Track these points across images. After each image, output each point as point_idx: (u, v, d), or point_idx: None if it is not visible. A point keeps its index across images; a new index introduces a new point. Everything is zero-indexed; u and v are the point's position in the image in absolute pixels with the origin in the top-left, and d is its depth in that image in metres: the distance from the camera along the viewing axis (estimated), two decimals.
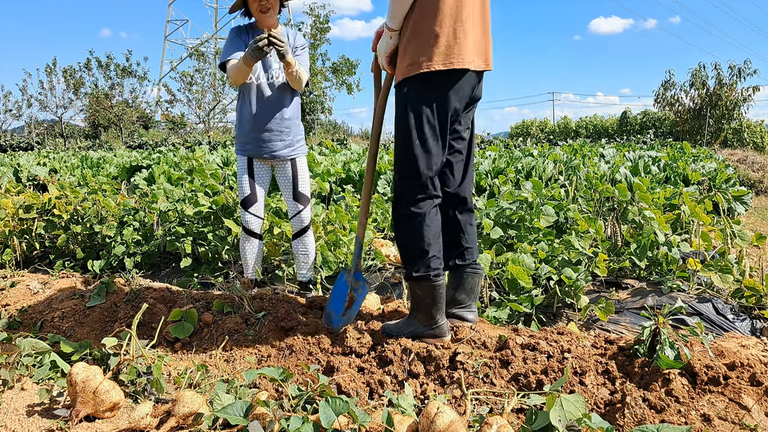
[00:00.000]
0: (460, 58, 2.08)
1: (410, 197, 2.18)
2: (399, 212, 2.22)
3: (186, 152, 12.04)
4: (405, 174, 2.19)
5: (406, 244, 2.23)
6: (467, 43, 2.10)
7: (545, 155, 8.96)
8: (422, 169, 2.15)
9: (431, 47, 2.07)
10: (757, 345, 2.45)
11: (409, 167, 2.17)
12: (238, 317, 2.58)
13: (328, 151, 9.97)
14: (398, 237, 2.27)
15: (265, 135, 3.05)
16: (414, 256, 2.20)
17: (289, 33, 3.12)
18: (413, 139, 2.14)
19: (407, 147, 2.16)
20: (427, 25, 2.08)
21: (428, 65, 2.07)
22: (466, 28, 2.10)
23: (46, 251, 4.83)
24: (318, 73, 20.97)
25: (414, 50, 2.10)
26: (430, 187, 2.18)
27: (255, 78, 3.01)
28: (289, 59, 2.86)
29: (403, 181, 2.20)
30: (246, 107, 3.05)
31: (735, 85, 21.92)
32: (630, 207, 3.94)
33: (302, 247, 3.26)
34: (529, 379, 1.98)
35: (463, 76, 2.14)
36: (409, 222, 2.18)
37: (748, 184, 10.10)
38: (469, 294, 2.38)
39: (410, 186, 2.18)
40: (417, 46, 2.09)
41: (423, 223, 2.16)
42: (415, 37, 2.10)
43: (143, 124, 32.34)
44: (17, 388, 2.03)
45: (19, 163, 10.08)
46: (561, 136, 28.32)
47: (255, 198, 3.14)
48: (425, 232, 2.16)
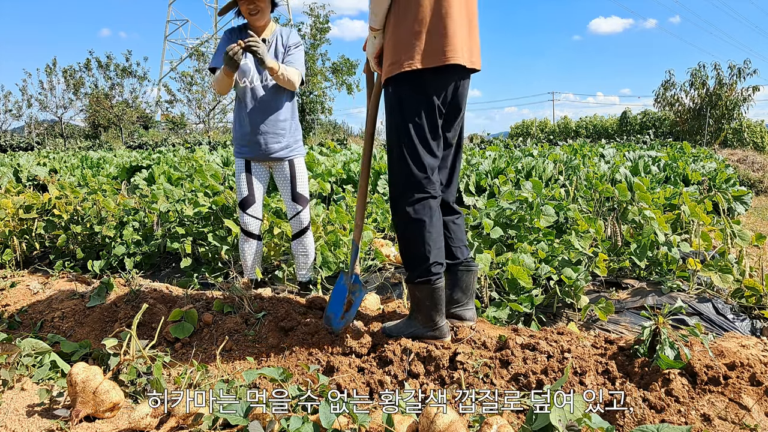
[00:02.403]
0: (442, 55, 2.04)
1: (406, 198, 2.15)
2: (398, 215, 2.19)
3: (186, 152, 12.05)
4: (398, 175, 2.16)
5: (407, 249, 2.21)
6: (449, 40, 2.05)
7: (545, 155, 8.96)
8: (414, 170, 2.12)
9: (413, 45, 2.03)
10: (757, 345, 2.45)
11: (400, 168, 2.14)
12: (238, 317, 2.58)
13: (328, 151, 9.97)
14: (399, 241, 2.25)
15: (261, 137, 3.05)
16: (415, 261, 2.18)
17: (282, 32, 3.10)
18: (402, 139, 2.12)
19: (398, 148, 2.14)
20: (407, 22, 2.05)
21: (410, 63, 2.03)
22: (447, 24, 2.05)
23: (46, 251, 4.83)
24: (318, 74, 20.98)
25: (396, 49, 2.07)
26: (425, 185, 2.14)
27: (249, 80, 3.01)
28: (269, 64, 2.83)
29: (397, 182, 2.17)
30: (242, 110, 3.05)
31: (735, 85, 21.92)
32: (630, 207, 3.94)
33: (301, 248, 3.26)
34: (529, 379, 1.98)
35: (447, 72, 2.09)
36: (410, 227, 2.15)
37: (748, 184, 10.09)
38: (465, 292, 2.37)
39: (405, 187, 2.15)
40: (398, 44, 2.06)
41: (424, 228, 2.13)
42: (396, 35, 2.08)
43: (143, 125, 32.35)
44: (17, 388, 2.03)
45: (19, 164, 10.08)
46: (561, 136, 28.32)
47: (253, 199, 3.14)
48: (426, 238, 2.13)
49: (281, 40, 3.08)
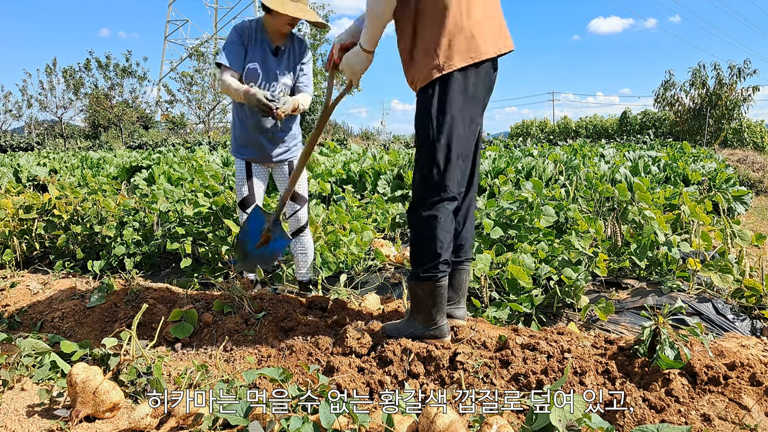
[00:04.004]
0: (477, 52, 2.06)
1: (429, 200, 2.14)
2: (417, 214, 2.18)
3: (186, 152, 12.05)
4: (426, 177, 2.15)
5: (419, 245, 2.20)
6: (483, 35, 2.07)
7: (545, 155, 8.96)
8: (446, 174, 2.12)
9: (448, 47, 2.04)
10: (757, 345, 2.46)
11: (430, 171, 2.13)
12: (238, 317, 2.58)
13: (328, 151, 9.96)
14: (413, 237, 2.24)
15: (264, 142, 3.04)
16: (425, 258, 2.17)
17: (296, 39, 3.06)
18: (435, 142, 2.10)
19: (430, 151, 2.12)
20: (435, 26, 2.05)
21: (448, 65, 2.04)
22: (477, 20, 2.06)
23: (46, 251, 4.83)
24: (318, 73, 20.96)
25: (431, 53, 2.06)
26: (450, 190, 2.14)
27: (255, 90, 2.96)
28: (293, 111, 2.91)
29: (425, 184, 2.16)
30: (244, 113, 3.00)
31: (735, 84, 21.93)
32: (630, 207, 3.94)
33: (300, 246, 3.26)
34: (529, 379, 1.98)
35: (482, 68, 2.11)
36: (427, 224, 2.15)
37: (748, 184, 10.09)
38: (457, 291, 2.39)
39: (431, 189, 2.14)
40: (432, 48, 2.06)
41: (438, 226, 2.13)
42: (428, 40, 2.07)
43: (143, 125, 32.36)
44: (17, 389, 2.03)
45: (19, 164, 10.08)
46: (561, 136, 28.32)
47: (253, 199, 3.13)
48: (440, 236, 2.13)
49: (295, 49, 3.04)
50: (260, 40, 2.92)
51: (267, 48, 2.94)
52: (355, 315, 2.61)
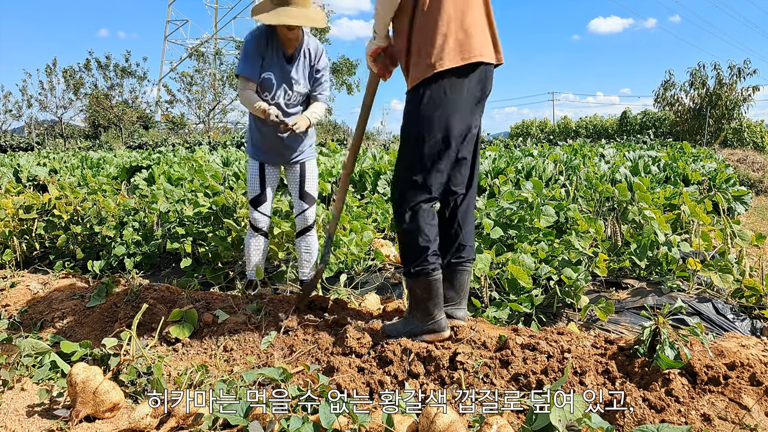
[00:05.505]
0: (470, 53, 2.09)
1: (411, 199, 2.18)
2: (400, 212, 2.22)
3: (186, 153, 12.05)
4: (410, 177, 2.18)
5: (406, 242, 2.24)
6: (474, 38, 2.10)
7: (545, 155, 8.96)
8: (429, 176, 2.15)
9: (441, 47, 2.07)
10: (757, 345, 2.45)
11: (414, 172, 2.16)
12: (239, 317, 2.58)
13: (328, 151, 9.97)
14: (399, 235, 2.29)
15: (281, 149, 3.05)
16: (413, 254, 2.21)
17: (310, 45, 3.00)
18: (423, 143, 2.13)
19: (416, 151, 2.15)
20: (430, 24, 2.09)
21: (440, 64, 2.06)
22: (470, 23, 2.11)
23: (46, 251, 4.83)
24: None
25: (424, 52, 2.09)
26: (433, 191, 2.18)
27: (271, 97, 2.94)
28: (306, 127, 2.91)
29: (407, 182, 2.19)
30: (262, 122, 2.96)
31: (735, 84, 21.93)
32: (630, 207, 3.94)
33: (305, 245, 3.26)
34: (529, 379, 1.98)
35: (476, 71, 2.13)
36: (411, 221, 2.19)
37: (748, 184, 10.09)
38: (459, 291, 2.40)
39: (413, 189, 2.18)
40: (426, 48, 2.09)
41: (422, 220, 2.18)
42: (421, 39, 2.11)
43: (143, 125, 32.35)
44: (17, 389, 2.03)
45: (19, 164, 10.08)
46: (561, 136, 28.32)
47: (265, 197, 3.15)
48: (425, 229, 2.18)
49: (309, 55, 2.99)
50: (275, 48, 2.90)
51: (282, 56, 2.92)
52: (355, 315, 2.61)
